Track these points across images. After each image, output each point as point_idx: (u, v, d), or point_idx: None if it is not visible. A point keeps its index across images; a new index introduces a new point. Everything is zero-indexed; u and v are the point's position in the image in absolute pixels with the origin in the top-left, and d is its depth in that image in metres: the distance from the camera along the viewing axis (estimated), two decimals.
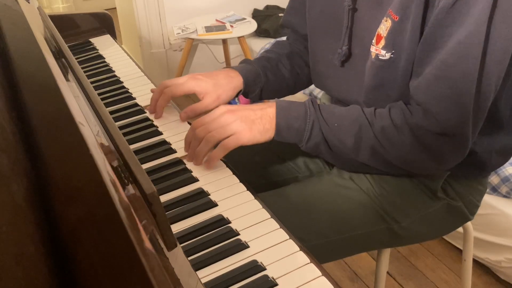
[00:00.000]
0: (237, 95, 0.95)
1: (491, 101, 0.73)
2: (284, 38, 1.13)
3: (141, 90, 1.04)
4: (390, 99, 0.80)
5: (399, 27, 0.74)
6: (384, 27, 0.76)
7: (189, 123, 0.90)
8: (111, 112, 0.95)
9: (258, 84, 0.97)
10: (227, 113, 0.77)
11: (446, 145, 0.74)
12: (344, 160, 0.82)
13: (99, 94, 1.02)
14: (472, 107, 0.70)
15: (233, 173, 0.77)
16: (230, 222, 0.67)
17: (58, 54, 0.81)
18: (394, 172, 0.85)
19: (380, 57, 0.77)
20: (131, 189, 0.50)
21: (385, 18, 0.76)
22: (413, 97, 0.75)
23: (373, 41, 0.79)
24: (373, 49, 0.78)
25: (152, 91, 0.97)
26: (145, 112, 0.95)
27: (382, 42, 0.76)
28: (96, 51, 1.25)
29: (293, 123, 0.78)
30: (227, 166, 0.79)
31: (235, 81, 0.93)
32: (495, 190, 1.47)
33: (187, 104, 0.89)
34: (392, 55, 0.76)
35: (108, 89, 1.05)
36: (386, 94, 0.80)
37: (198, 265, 0.60)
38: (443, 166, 0.78)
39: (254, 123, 0.77)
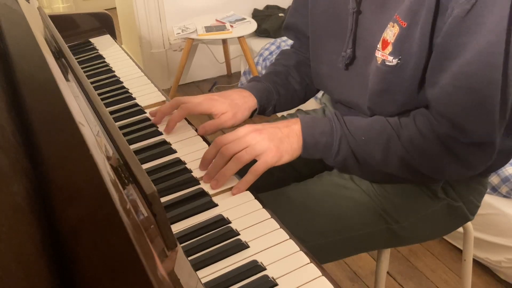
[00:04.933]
0: (251, 115, 0.94)
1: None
2: (284, 38, 1.12)
3: (141, 90, 1.04)
4: (395, 104, 0.79)
5: (407, 33, 0.73)
6: (391, 33, 0.75)
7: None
8: (111, 112, 0.95)
9: (271, 102, 0.96)
10: (253, 132, 0.74)
11: (476, 152, 0.73)
12: (369, 172, 0.81)
13: (99, 94, 1.02)
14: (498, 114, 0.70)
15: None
16: (230, 222, 0.67)
17: (58, 54, 0.81)
18: (423, 181, 0.85)
19: (387, 63, 0.76)
20: (131, 189, 0.50)
21: (391, 23, 0.75)
22: (435, 108, 0.74)
23: (378, 45, 0.78)
24: (379, 54, 0.78)
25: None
26: (145, 112, 0.95)
27: (389, 48, 0.76)
28: (96, 51, 1.25)
29: (320, 139, 0.76)
30: None
31: (249, 101, 0.92)
32: (495, 190, 1.47)
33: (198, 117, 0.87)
34: (399, 61, 0.75)
35: (108, 89, 1.05)
36: (391, 99, 0.79)
37: (198, 265, 0.60)
38: (473, 172, 0.77)
39: (282, 142, 0.75)
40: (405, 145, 0.75)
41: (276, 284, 0.57)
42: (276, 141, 0.74)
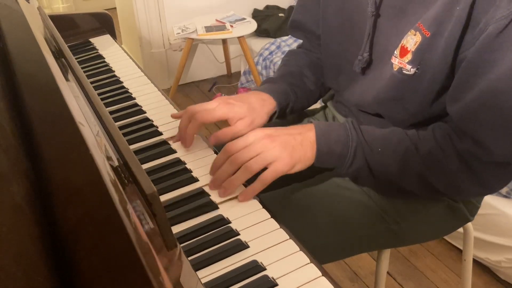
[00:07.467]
0: (270, 119, 0.89)
1: None
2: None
3: (141, 90, 1.04)
4: (406, 113, 0.78)
5: (430, 43, 0.71)
6: (412, 41, 0.73)
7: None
8: (111, 112, 0.95)
9: (289, 104, 0.93)
10: (265, 138, 0.71)
11: (496, 172, 0.72)
12: (382, 186, 0.80)
13: (99, 94, 1.02)
14: None
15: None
16: (230, 222, 0.67)
17: (58, 54, 0.81)
18: (436, 198, 0.84)
19: (404, 71, 0.75)
20: (131, 189, 0.50)
21: (412, 31, 0.74)
22: (457, 124, 0.72)
23: (395, 52, 0.76)
24: (396, 62, 0.76)
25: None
26: (145, 112, 0.95)
27: (409, 56, 0.74)
28: (96, 51, 1.25)
29: (334, 148, 0.73)
30: None
31: (268, 105, 0.87)
32: None
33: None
34: (417, 71, 0.74)
35: (108, 89, 1.05)
36: (403, 108, 0.78)
37: (198, 265, 0.60)
38: (490, 192, 0.76)
39: (295, 150, 0.71)
40: (422, 159, 0.73)
41: (276, 284, 0.57)
42: (289, 149, 0.71)
